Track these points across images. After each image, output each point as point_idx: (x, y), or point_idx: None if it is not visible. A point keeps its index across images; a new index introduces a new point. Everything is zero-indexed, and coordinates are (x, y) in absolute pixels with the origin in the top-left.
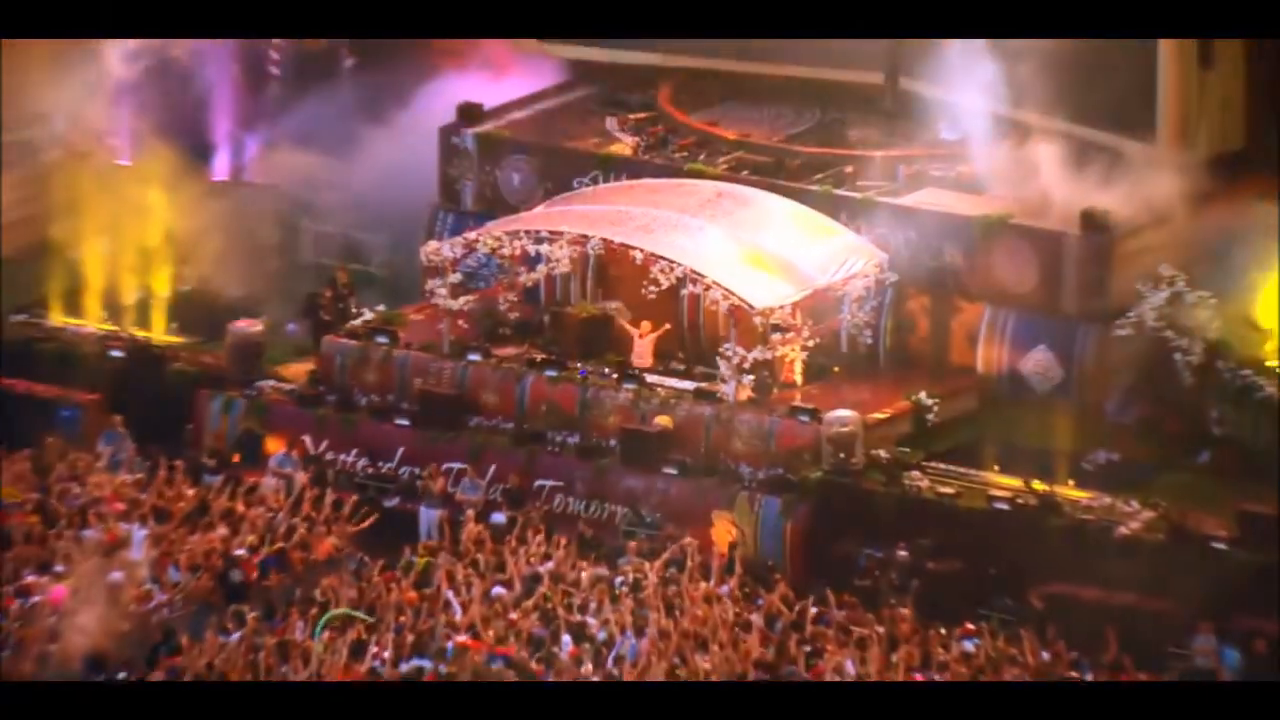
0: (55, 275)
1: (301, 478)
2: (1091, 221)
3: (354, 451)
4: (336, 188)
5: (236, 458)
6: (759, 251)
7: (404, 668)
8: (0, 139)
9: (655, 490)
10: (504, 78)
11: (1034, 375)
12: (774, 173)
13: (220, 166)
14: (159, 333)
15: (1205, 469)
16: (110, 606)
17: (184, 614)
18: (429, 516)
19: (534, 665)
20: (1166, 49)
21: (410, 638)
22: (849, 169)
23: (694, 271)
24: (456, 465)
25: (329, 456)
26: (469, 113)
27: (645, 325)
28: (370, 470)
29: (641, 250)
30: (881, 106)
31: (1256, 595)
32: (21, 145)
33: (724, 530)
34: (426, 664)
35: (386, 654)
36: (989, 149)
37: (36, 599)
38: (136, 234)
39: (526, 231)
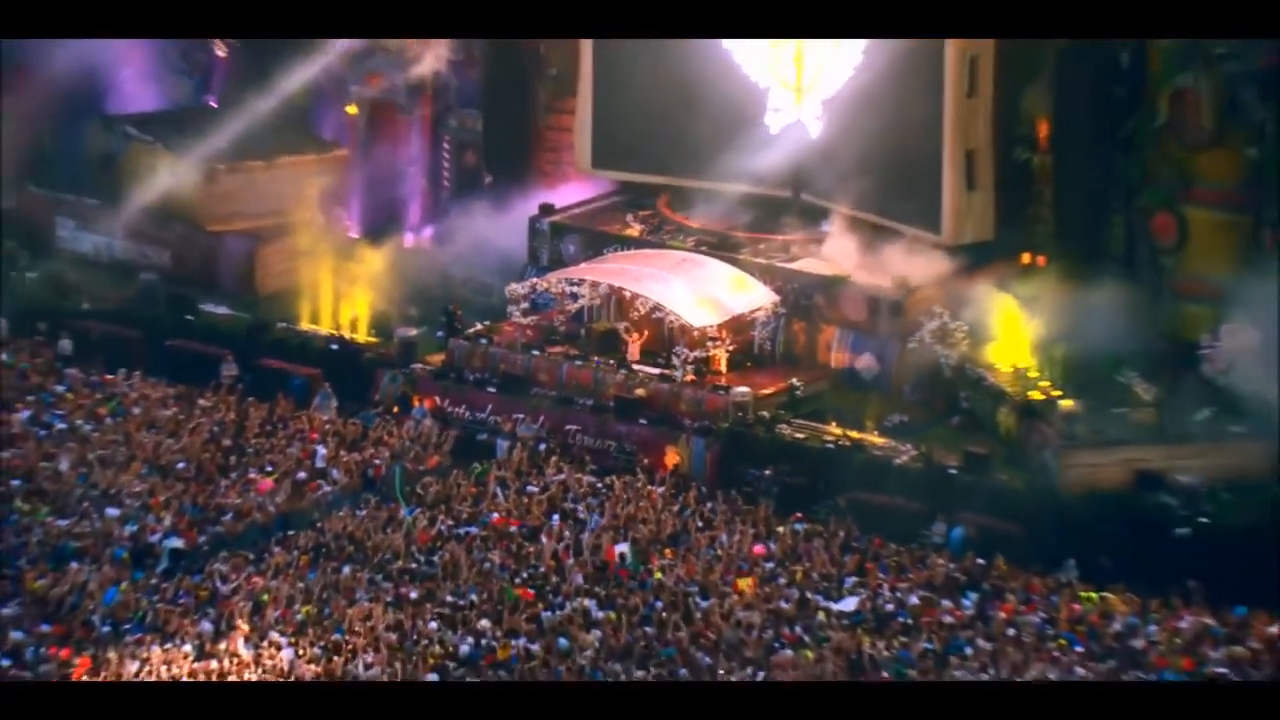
0: (303, 301)
1: (428, 422)
2: (896, 282)
3: (463, 406)
4: (472, 251)
5: (395, 409)
6: (704, 294)
7: (460, 531)
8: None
9: (634, 432)
10: (568, 188)
11: (863, 370)
12: (719, 248)
13: (407, 239)
14: (360, 335)
15: (954, 427)
16: (294, 493)
17: (337, 499)
18: (502, 445)
19: (541, 535)
20: (949, 175)
21: (465, 514)
22: (762, 246)
23: (658, 304)
24: (521, 415)
25: (449, 409)
26: (546, 209)
27: (634, 335)
28: (471, 417)
29: (629, 291)
30: (788, 209)
31: (973, 501)
32: (286, 225)
33: (672, 457)
34: (475, 529)
35: (449, 522)
36: (842, 236)
37: (253, 488)
38: (353, 277)
39: (567, 279)
